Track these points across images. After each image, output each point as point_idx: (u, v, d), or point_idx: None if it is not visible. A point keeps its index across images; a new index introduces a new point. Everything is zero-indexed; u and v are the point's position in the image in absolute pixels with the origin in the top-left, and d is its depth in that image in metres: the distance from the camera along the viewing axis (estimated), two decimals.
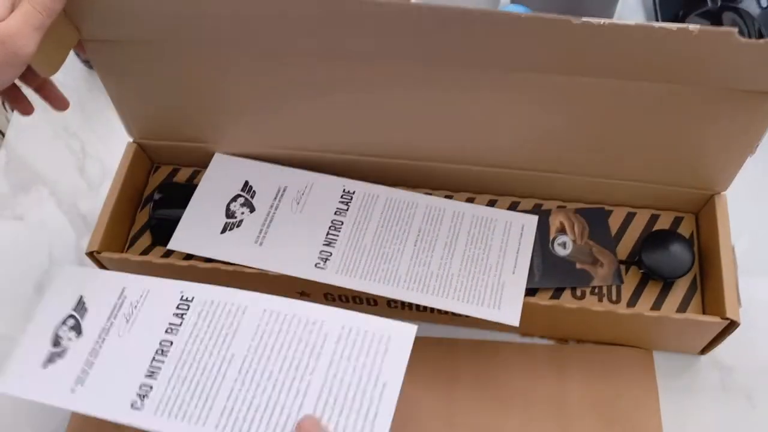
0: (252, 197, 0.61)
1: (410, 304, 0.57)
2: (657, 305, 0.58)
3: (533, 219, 0.60)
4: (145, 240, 0.64)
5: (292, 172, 0.63)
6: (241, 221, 0.60)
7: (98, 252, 0.58)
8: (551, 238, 0.61)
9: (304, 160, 0.62)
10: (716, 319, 0.53)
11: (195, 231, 0.59)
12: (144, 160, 0.66)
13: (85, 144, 0.75)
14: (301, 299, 0.60)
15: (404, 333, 0.46)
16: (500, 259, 0.57)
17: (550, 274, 0.59)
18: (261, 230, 0.59)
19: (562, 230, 0.62)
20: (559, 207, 0.63)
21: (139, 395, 0.48)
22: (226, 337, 0.49)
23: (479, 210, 0.61)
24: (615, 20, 0.44)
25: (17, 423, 0.59)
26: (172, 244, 0.59)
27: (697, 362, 0.59)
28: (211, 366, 0.48)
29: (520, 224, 0.60)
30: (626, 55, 0.46)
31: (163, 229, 0.62)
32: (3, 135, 0.79)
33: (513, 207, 0.64)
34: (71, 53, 0.53)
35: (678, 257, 0.58)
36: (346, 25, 0.48)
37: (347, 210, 0.60)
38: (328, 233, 0.59)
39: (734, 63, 0.45)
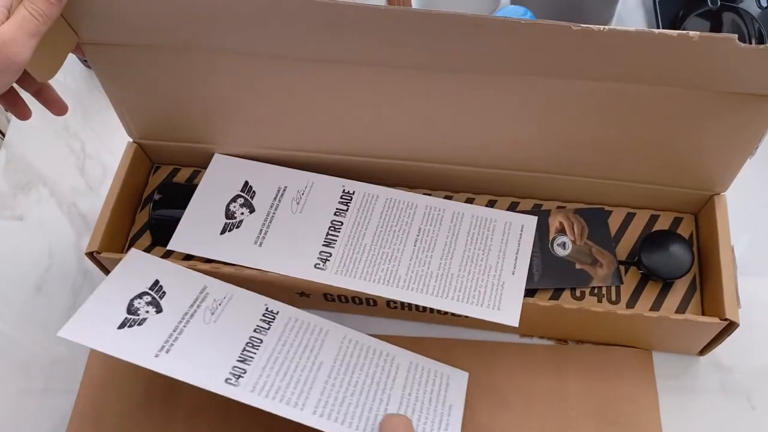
0: (252, 198, 0.61)
1: (410, 305, 0.57)
2: (656, 306, 0.58)
3: (533, 219, 0.60)
4: (145, 240, 0.64)
5: (291, 172, 0.63)
6: (240, 222, 0.60)
7: (98, 252, 0.58)
8: (551, 239, 0.61)
9: (303, 161, 0.62)
10: (715, 320, 0.53)
11: (195, 231, 0.59)
12: (144, 160, 0.66)
13: (85, 144, 0.75)
14: (301, 300, 0.60)
15: (459, 376, 0.55)
16: (500, 260, 0.57)
17: (549, 275, 0.60)
18: (261, 231, 0.59)
19: (561, 231, 0.62)
20: (558, 207, 0.63)
21: (233, 374, 0.49)
22: (313, 348, 0.52)
23: (479, 210, 0.61)
24: (615, 26, 0.44)
25: (17, 422, 0.59)
26: (172, 245, 0.59)
27: (697, 363, 0.59)
28: (302, 366, 0.51)
29: (520, 225, 0.60)
30: (626, 61, 0.47)
31: (162, 230, 0.62)
32: (3, 135, 0.79)
33: (512, 207, 0.64)
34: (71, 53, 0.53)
35: (677, 258, 0.58)
36: (346, 29, 0.48)
37: (347, 210, 0.60)
38: (327, 234, 0.59)
39: (734, 68, 0.45)
